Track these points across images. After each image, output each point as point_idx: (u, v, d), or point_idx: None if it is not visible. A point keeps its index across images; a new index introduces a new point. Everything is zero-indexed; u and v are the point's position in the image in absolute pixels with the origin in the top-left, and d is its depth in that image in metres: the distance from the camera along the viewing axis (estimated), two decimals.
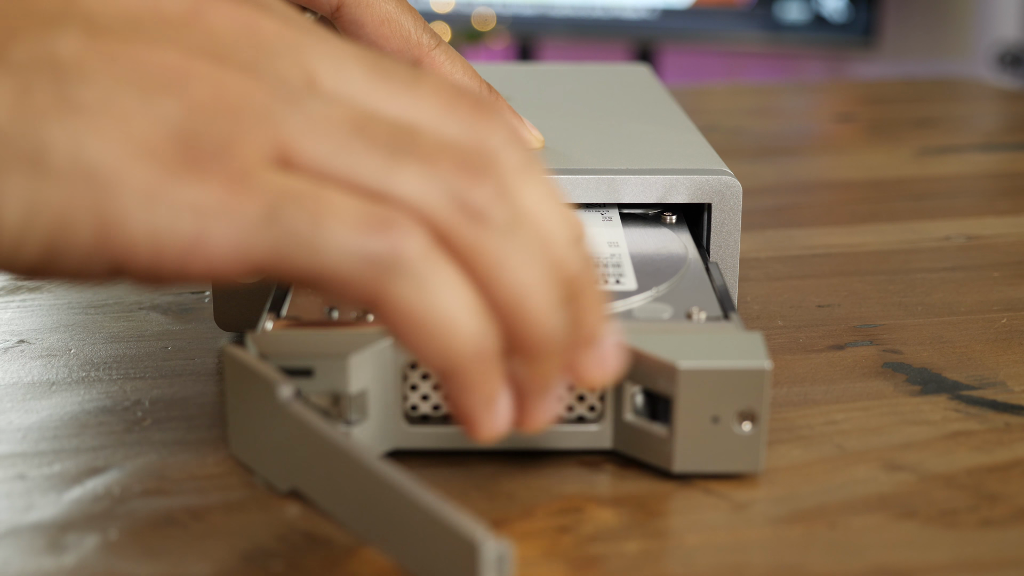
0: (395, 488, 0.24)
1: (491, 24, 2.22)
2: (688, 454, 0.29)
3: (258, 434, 0.27)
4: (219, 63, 0.23)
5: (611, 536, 0.27)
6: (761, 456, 0.29)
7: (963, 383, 0.35)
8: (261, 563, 0.25)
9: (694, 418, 0.28)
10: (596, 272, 0.25)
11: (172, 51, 0.23)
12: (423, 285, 0.22)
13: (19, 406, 0.33)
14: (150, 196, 0.22)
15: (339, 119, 0.23)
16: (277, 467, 0.27)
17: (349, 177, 0.22)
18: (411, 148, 0.23)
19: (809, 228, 0.53)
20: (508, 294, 0.23)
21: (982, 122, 0.84)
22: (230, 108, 0.22)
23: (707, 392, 0.28)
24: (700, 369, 0.28)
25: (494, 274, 0.23)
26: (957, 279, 0.45)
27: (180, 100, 0.22)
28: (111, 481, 0.29)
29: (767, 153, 0.71)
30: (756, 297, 0.43)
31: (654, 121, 0.45)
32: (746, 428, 0.28)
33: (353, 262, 0.22)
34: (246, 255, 0.22)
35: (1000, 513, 0.28)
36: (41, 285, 0.44)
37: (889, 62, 2.34)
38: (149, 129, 0.22)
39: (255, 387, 0.27)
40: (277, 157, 0.22)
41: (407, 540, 0.24)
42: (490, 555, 0.22)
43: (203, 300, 0.42)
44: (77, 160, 0.22)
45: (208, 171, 0.22)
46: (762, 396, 0.28)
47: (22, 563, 0.25)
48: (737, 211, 0.36)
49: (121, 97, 0.22)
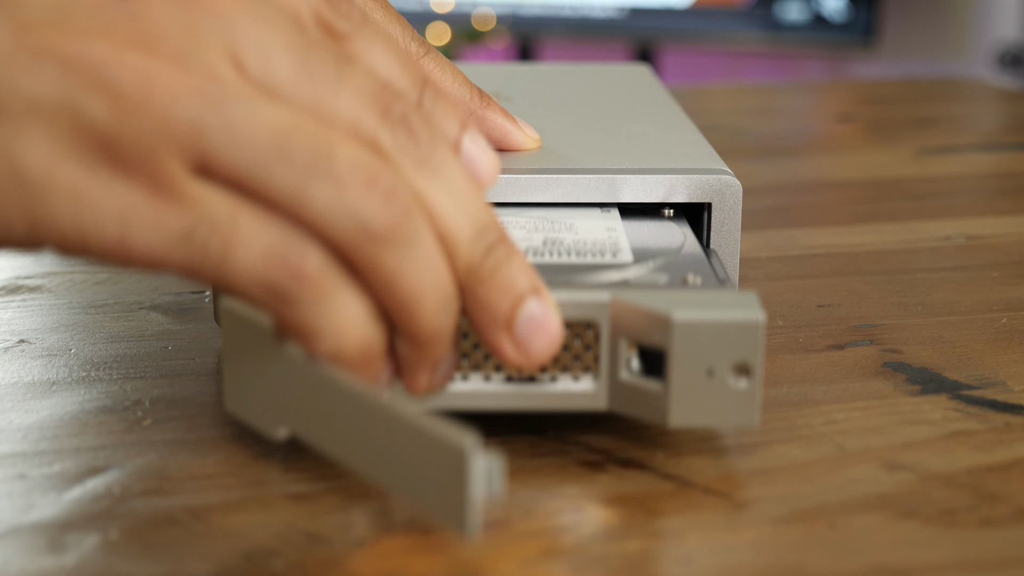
0: (386, 409, 0.25)
1: (491, 24, 2.22)
2: (683, 408, 0.29)
3: (253, 384, 0.28)
4: (150, 52, 0.24)
5: (611, 536, 0.27)
6: (756, 410, 0.29)
7: (963, 383, 0.35)
8: (261, 562, 0.25)
9: (688, 371, 0.28)
10: (505, 260, 0.27)
11: (102, 42, 0.23)
12: (314, 307, 0.25)
13: (19, 406, 0.33)
14: (77, 198, 0.23)
15: (259, 130, 0.24)
16: (272, 414, 0.28)
17: (263, 192, 0.24)
18: (323, 168, 0.24)
19: (809, 228, 0.53)
20: (399, 302, 0.25)
21: (982, 122, 0.84)
22: (157, 111, 0.23)
23: (701, 344, 0.28)
24: (694, 321, 0.28)
25: (388, 286, 0.25)
26: (957, 279, 0.45)
27: (108, 99, 0.23)
28: (111, 481, 0.29)
29: (767, 153, 0.71)
30: None
31: (654, 121, 0.45)
32: (741, 382, 0.28)
33: (255, 287, 0.24)
34: (163, 261, 0.24)
35: (1000, 513, 0.28)
36: (41, 285, 0.44)
37: (889, 62, 2.34)
38: (77, 130, 0.23)
39: (252, 337, 0.27)
40: (198, 164, 0.24)
41: (400, 463, 0.25)
42: (479, 465, 0.23)
43: (203, 300, 0.42)
44: (7, 164, 0.23)
45: (133, 175, 0.23)
46: (757, 349, 0.28)
47: (22, 563, 0.25)
48: (737, 211, 0.36)
49: (49, 96, 0.23)
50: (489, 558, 0.26)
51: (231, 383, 0.29)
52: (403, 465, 0.25)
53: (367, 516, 0.27)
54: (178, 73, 0.24)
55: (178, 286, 0.43)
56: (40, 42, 0.23)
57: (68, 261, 0.47)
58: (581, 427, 0.32)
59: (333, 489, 0.28)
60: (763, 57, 2.42)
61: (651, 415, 0.29)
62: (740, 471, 0.30)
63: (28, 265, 0.47)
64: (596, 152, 0.39)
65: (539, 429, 0.32)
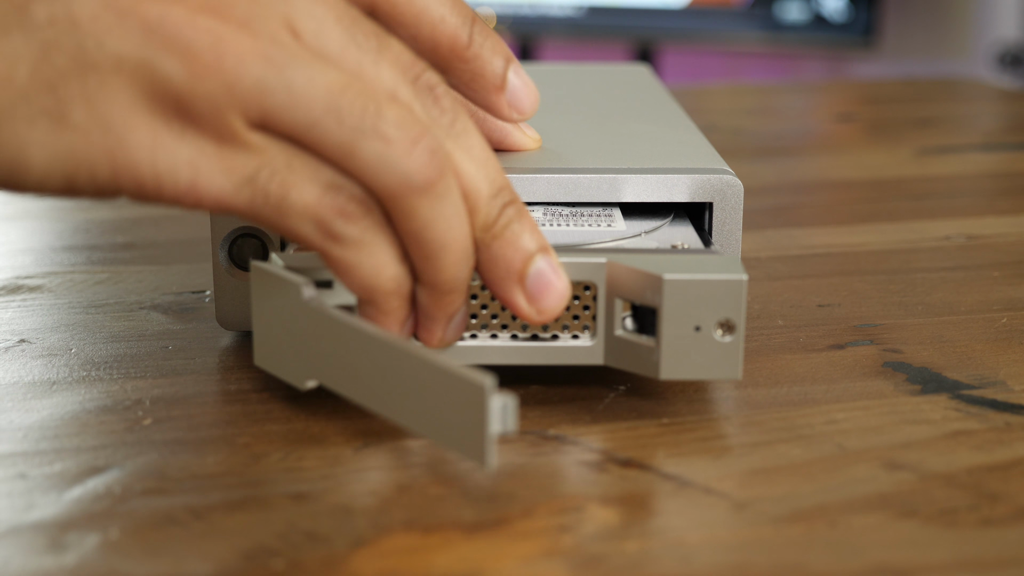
0: (411, 354, 0.28)
1: (491, 24, 2.22)
2: (673, 362, 0.31)
3: (282, 339, 0.31)
4: (220, 18, 0.27)
5: (611, 535, 0.27)
6: (739, 364, 0.31)
7: (963, 382, 0.35)
8: (262, 562, 0.25)
9: (678, 327, 0.31)
10: (517, 220, 0.30)
11: (179, 7, 0.26)
12: (357, 245, 0.28)
13: (20, 405, 0.33)
14: (154, 147, 0.26)
15: (316, 91, 0.27)
16: (301, 366, 0.31)
17: (317, 145, 0.27)
18: (372, 126, 0.27)
19: (809, 228, 0.53)
20: (428, 249, 0.28)
21: (982, 122, 0.84)
22: (227, 72, 0.26)
23: (690, 302, 0.31)
24: (683, 279, 0.31)
25: (420, 233, 0.28)
26: (957, 279, 0.45)
27: (183, 60, 0.26)
28: (112, 480, 0.29)
29: (767, 153, 0.71)
30: (756, 297, 0.43)
31: (654, 121, 0.45)
32: (726, 338, 0.31)
33: (307, 225, 0.27)
34: (229, 203, 0.27)
35: (1000, 512, 0.28)
36: (42, 285, 0.44)
37: (889, 62, 2.34)
38: (154, 86, 0.26)
39: (281, 292, 0.30)
40: (260, 119, 0.27)
41: (424, 404, 0.28)
42: (495, 402, 0.26)
43: (204, 300, 0.42)
44: (93, 114, 0.26)
45: (203, 128, 0.27)
46: (740, 306, 0.31)
47: (22, 562, 0.25)
48: (738, 210, 0.37)
49: (131, 55, 0.26)
50: (489, 558, 0.26)
51: (261, 340, 0.32)
52: (426, 406, 0.28)
53: (367, 516, 0.27)
54: (245, 38, 0.26)
55: (178, 286, 0.44)
56: (124, 5, 0.26)
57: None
58: (581, 427, 0.32)
59: (333, 489, 0.28)
60: (763, 57, 2.42)
61: (643, 369, 0.31)
62: (740, 471, 0.30)
63: (28, 265, 0.47)
64: (597, 152, 0.39)
65: (539, 429, 0.32)
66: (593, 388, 0.34)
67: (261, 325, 0.31)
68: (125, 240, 0.51)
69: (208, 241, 0.48)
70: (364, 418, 0.32)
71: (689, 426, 0.32)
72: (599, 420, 0.32)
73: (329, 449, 0.30)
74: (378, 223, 0.28)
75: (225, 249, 0.37)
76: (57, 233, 0.52)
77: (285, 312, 0.30)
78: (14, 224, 0.54)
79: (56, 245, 0.50)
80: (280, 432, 0.31)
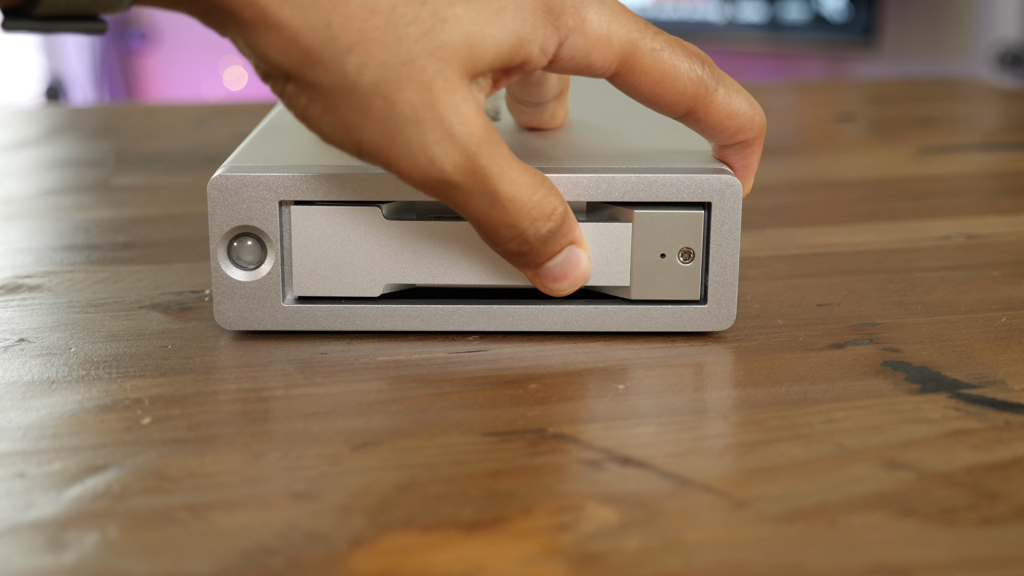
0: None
1: None
2: (642, 285, 0.38)
3: (339, 263, 0.37)
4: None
5: (611, 534, 0.27)
6: (699, 286, 0.37)
7: (963, 381, 0.35)
8: (261, 562, 0.25)
9: (646, 254, 0.37)
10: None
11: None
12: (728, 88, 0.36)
13: (19, 404, 0.33)
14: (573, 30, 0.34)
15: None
16: (366, 278, 0.37)
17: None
18: (675, 41, 0.35)
19: (809, 227, 0.53)
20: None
21: (982, 122, 0.84)
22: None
23: (656, 232, 0.37)
24: (650, 212, 0.37)
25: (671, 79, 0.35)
26: (957, 278, 0.45)
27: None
28: (111, 479, 0.29)
29: (767, 153, 0.71)
30: (756, 296, 0.43)
31: (654, 121, 0.45)
32: (687, 264, 0.37)
33: (689, 74, 0.35)
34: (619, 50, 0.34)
35: (1000, 511, 0.28)
36: (41, 284, 0.44)
37: (889, 62, 2.34)
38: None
39: (355, 217, 0.37)
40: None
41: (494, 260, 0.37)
42: None
43: (203, 299, 0.42)
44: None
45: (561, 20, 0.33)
46: (699, 236, 0.37)
47: (22, 561, 0.25)
48: (737, 210, 0.37)
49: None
50: (488, 557, 0.26)
51: (302, 273, 0.37)
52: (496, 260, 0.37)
53: (366, 515, 0.27)
54: None
55: (177, 285, 0.43)
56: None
57: (67, 263, 0.47)
58: (580, 426, 0.32)
59: (333, 489, 0.28)
60: (763, 57, 2.42)
61: (616, 291, 0.38)
62: (740, 470, 0.30)
63: (28, 264, 0.47)
64: (596, 151, 0.39)
65: (539, 428, 0.32)
66: (592, 387, 0.34)
67: (303, 259, 0.37)
68: (125, 240, 0.51)
69: (207, 241, 0.48)
70: (363, 418, 0.32)
71: (688, 425, 0.32)
72: (598, 419, 0.32)
73: (328, 449, 0.30)
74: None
75: (224, 248, 0.37)
76: (57, 233, 0.52)
77: (356, 232, 0.37)
78: (14, 224, 0.54)
79: (56, 245, 0.50)
80: (280, 432, 0.31)
